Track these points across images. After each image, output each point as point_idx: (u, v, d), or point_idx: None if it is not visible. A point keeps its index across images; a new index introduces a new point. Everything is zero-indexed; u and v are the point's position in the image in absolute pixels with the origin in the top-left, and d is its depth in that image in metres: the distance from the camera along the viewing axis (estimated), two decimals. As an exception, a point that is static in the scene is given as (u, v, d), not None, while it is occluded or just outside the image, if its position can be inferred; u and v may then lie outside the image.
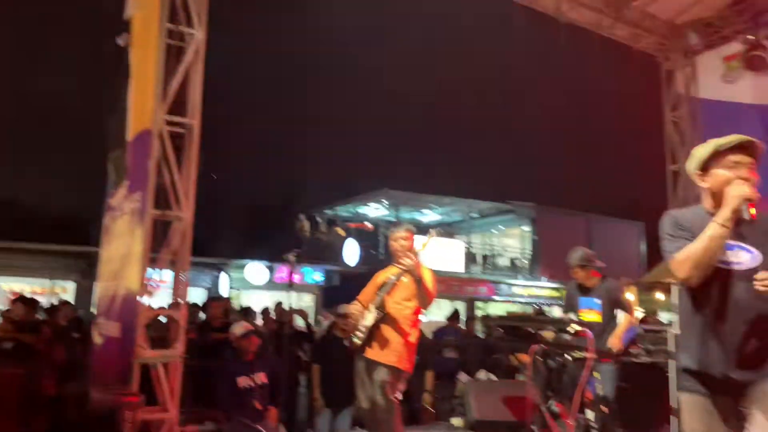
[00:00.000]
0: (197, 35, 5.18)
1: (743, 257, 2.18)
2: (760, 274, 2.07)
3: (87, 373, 5.45)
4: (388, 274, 4.17)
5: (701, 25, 8.34)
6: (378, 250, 20.51)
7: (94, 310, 6.42)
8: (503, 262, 22.76)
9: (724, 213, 2.09)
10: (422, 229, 4.30)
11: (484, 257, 22.45)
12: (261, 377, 4.84)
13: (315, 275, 18.36)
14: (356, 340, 4.04)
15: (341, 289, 17.12)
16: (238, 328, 5.01)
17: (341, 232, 5.16)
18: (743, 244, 2.19)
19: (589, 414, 4.75)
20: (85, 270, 14.72)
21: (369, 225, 7.31)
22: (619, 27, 8.48)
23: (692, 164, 2.34)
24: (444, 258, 19.26)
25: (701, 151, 2.31)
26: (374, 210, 22.11)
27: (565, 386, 4.75)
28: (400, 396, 4.07)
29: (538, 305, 18.39)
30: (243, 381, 4.75)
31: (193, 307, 7.42)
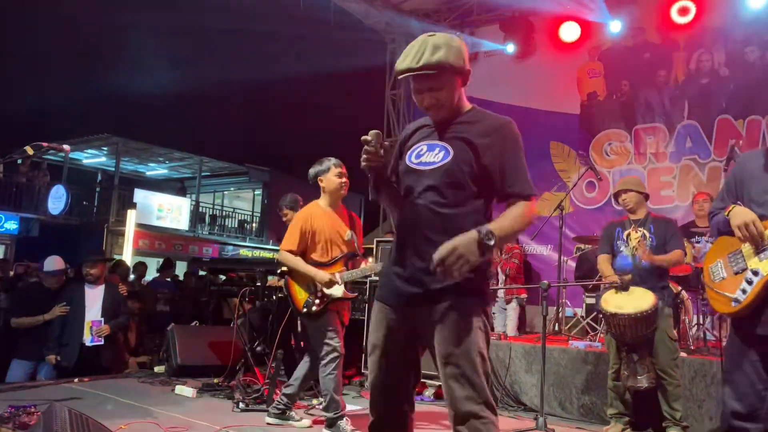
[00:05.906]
0: None
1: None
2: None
3: None
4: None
5: (421, 14, 9.32)
6: (94, 201, 18.49)
7: None
8: (232, 223, 22.55)
9: None
10: (145, 183, 4.06)
11: (213, 217, 21.94)
12: None
13: (8, 224, 16.02)
14: None
15: (40, 240, 15.23)
16: None
17: (30, 151, 4.38)
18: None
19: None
20: None
21: (66, 147, 6.13)
22: (354, 1, 8.99)
23: None
24: (169, 215, 18.34)
25: None
26: (91, 157, 19.88)
27: (270, 326, 4.95)
28: None
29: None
30: None
31: None
